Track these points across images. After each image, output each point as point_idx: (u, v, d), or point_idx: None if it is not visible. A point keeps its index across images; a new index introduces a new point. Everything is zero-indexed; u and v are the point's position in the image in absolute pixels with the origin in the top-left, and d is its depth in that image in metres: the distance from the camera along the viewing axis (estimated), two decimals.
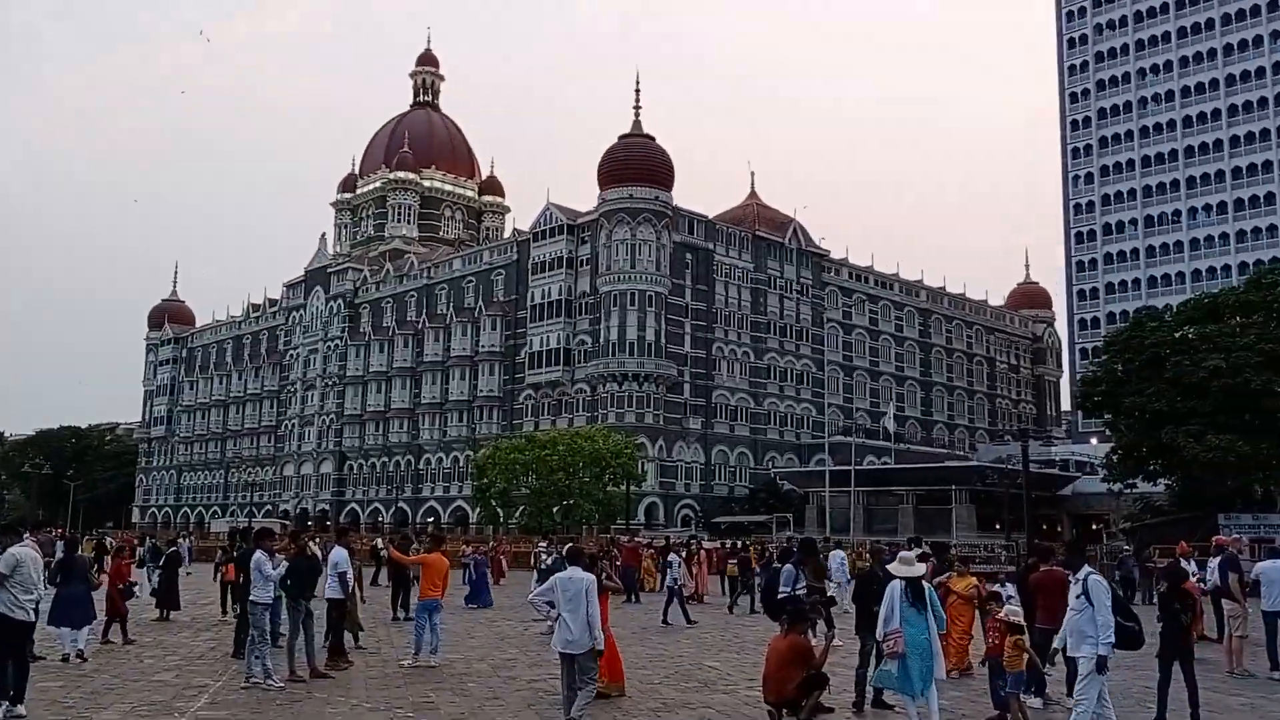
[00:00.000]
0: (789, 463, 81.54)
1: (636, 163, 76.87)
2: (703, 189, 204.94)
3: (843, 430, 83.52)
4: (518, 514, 64.80)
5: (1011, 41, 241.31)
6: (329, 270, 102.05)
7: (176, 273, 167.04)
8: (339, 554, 14.76)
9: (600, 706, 10.88)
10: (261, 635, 12.47)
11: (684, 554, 25.83)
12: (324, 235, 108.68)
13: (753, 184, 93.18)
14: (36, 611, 10.85)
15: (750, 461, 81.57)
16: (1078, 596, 9.35)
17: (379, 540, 33.10)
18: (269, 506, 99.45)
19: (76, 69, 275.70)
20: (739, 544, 35.74)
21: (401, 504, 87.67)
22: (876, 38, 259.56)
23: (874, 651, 10.61)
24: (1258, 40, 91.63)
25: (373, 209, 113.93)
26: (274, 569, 12.81)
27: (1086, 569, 9.47)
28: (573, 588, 9.73)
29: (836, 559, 24.13)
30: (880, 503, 68.73)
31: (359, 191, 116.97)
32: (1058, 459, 76.76)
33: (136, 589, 20.48)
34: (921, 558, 12.41)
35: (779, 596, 12.97)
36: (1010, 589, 12.40)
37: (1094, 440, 73.82)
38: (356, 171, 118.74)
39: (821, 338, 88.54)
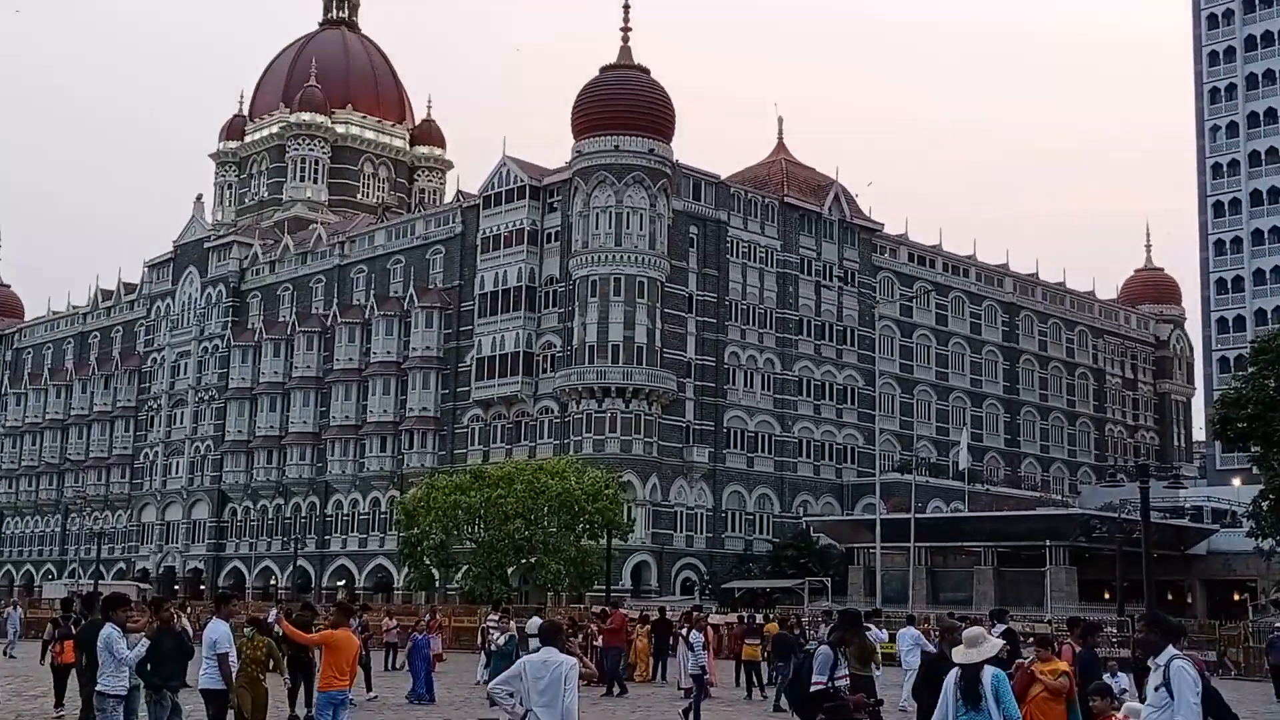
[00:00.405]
0: (826, 509, 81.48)
1: (625, 103, 76.97)
2: (714, 140, 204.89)
3: (900, 466, 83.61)
4: (459, 576, 64.65)
5: None
6: (206, 245, 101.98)
7: None
8: (218, 630, 14.73)
9: None
10: None
11: (687, 631, 25.94)
12: (200, 198, 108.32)
13: (780, 133, 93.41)
14: None
15: (774, 507, 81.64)
16: (1157, 688, 9.40)
17: (272, 612, 32.76)
18: (121, 565, 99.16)
19: None
20: (758, 617, 35.69)
21: (302, 562, 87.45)
22: None
23: None
24: None
25: (267, 163, 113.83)
26: (129, 649, 12.76)
27: (1171, 651, 9.51)
28: (547, 674, 9.63)
29: (907, 638, 24.13)
30: (950, 564, 68.74)
31: (248, 140, 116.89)
32: (1188, 506, 76.97)
33: None
34: (1007, 635, 12.47)
35: (812, 689, 12.97)
36: (1124, 680, 12.45)
37: (1237, 481, 73.96)
38: (245, 113, 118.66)
39: (872, 341, 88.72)
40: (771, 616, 34.69)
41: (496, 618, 30.74)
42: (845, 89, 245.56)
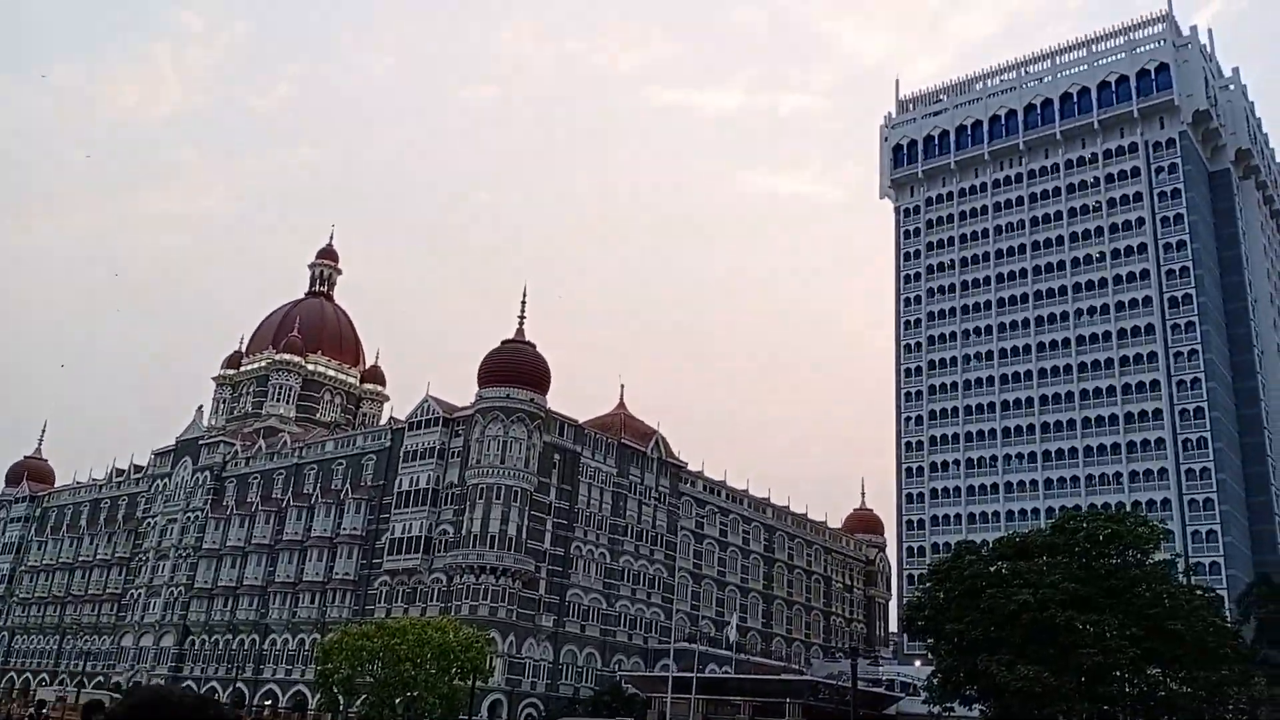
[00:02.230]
0: (634, 666, 79.39)
1: (516, 366, 77.72)
2: (575, 396, 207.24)
3: (688, 637, 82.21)
4: (359, 703, 60.65)
5: (861, 292, 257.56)
6: (200, 442, 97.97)
7: (44, 431, 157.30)
8: None
9: None
10: None
11: None
12: (200, 407, 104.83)
13: (622, 396, 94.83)
14: None
15: (598, 662, 79.04)
16: None
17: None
18: (100, 678, 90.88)
19: None
20: None
21: (240, 684, 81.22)
22: (744, 280, 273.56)
23: None
24: (1064, 315, 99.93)
25: (254, 386, 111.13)
26: None
27: None
28: None
29: None
30: (719, 711, 67.08)
31: (243, 369, 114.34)
32: (884, 679, 76.78)
33: None
34: None
35: None
36: None
37: (918, 663, 74.32)
38: (243, 350, 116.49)
39: (675, 544, 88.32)
40: None
41: None
42: (671, 365, 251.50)
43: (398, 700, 57.60)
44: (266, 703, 78.85)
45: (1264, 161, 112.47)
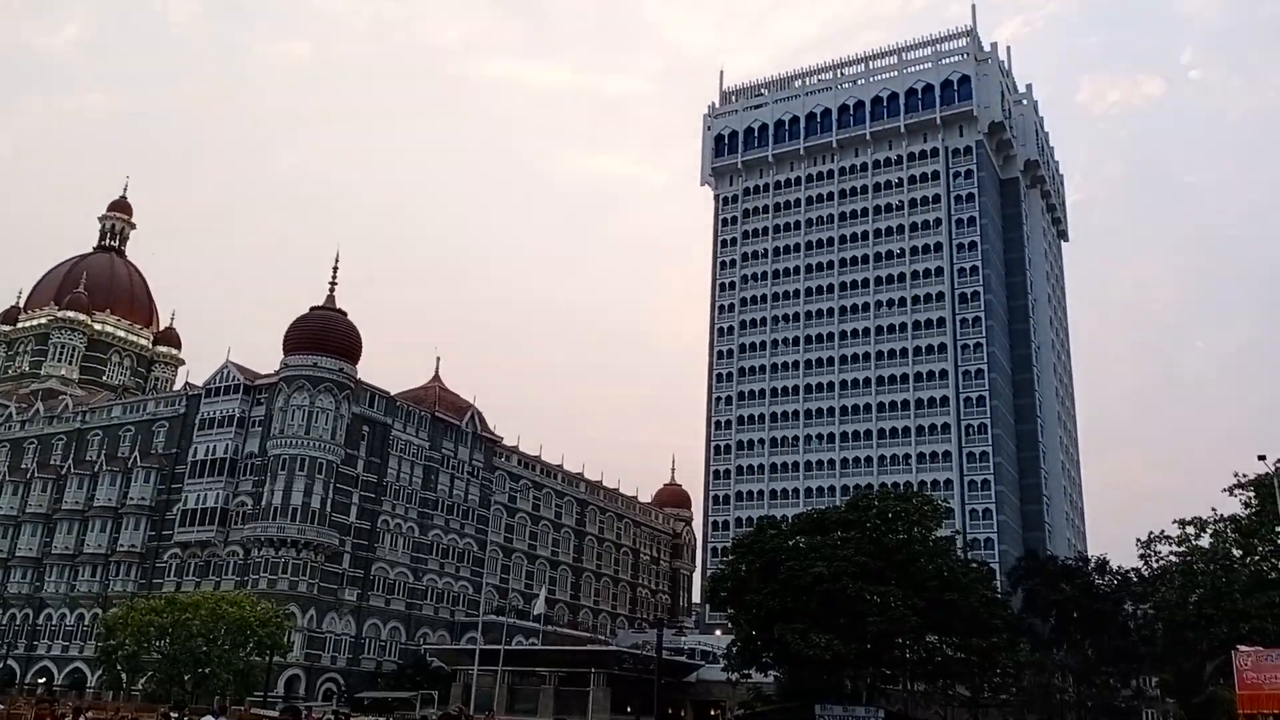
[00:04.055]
0: (441, 639, 78.46)
1: (326, 334, 74.94)
2: (388, 367, 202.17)
3: (496, 610, 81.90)
4: (144, 680, 57.29)
5: (679, 277, 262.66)
6: None
7: None
8: None
9: None
10: None
11: None
12: None
13: (437, 369, 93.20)
14: None
15: (403, 636, 77.64)
16: None
17: None
18: None
19: None
20: None
21: (11, 661, 75.12)
22: (562, 251, 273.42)
23: None
24: (865, 306, 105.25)
25: (32, 345, 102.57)
26: None
27: None
28: None
29: None
30: (524, 682, 67.19)
31: (19, 325, 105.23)
32: (686, 648, 78.96)
33: None
34: None
35: None
36: None
37: (718, 632, 76.75)
38: (20, 305, 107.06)
39: (487, 518, 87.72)
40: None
41: (175, 716, 27.06)
42: (488, 340, 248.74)
43: (187, 677, 54.82)
44: (40, 680, 73.24)
45: (1049, 173, 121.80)
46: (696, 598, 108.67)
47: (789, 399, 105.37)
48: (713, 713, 65.26)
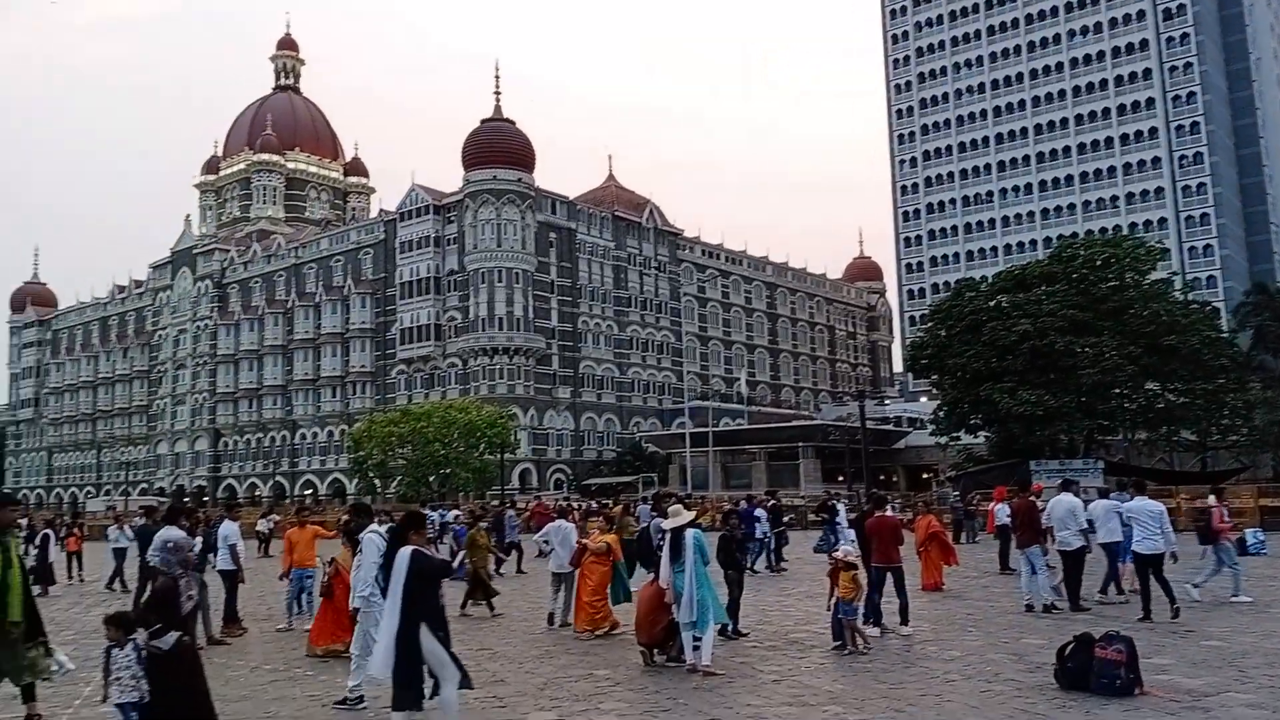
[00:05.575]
0: (652, 427, 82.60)
1: (499, 145, 76.10)
2: (564, 172, 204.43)
3: (700, 395, 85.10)
4: (395, 484, 63.91)
5: (851, 36, 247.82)
6: (195, 251, 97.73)
7: (37, 256, 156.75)
8: (229, 528, 14.56)
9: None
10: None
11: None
12: (189, 217, 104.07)
13: (610, 168, 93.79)
14: None
15: (617, 427, 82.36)
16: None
17: (451, 513, 29.27)
18: (144, 485, 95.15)
19: None
20: (599, 504, 35.25)
21: (279, 478, 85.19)
22: (718, 41, 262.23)
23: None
24: (1056, 38, 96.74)
25: (237, 190, 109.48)
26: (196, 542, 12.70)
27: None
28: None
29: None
30: (736, 460, 70.39)
31: (222, 173, 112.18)
32: (892, 416, 79.95)
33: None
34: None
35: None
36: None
37: (923, 399, 77.21)
38: (220, 154, 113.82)
39: (679, 310, 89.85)
40: (614, 503, 34.65)
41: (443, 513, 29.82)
42: (655, 135, 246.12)
43: (431, 478, 60.67)
44: (307, 492, 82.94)
45: None
46: (898, 367, 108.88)
47: (978, 152, 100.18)
48: (924, 476, 66.56)
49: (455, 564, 15.79)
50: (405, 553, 7.08)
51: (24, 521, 31.53)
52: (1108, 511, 14.32)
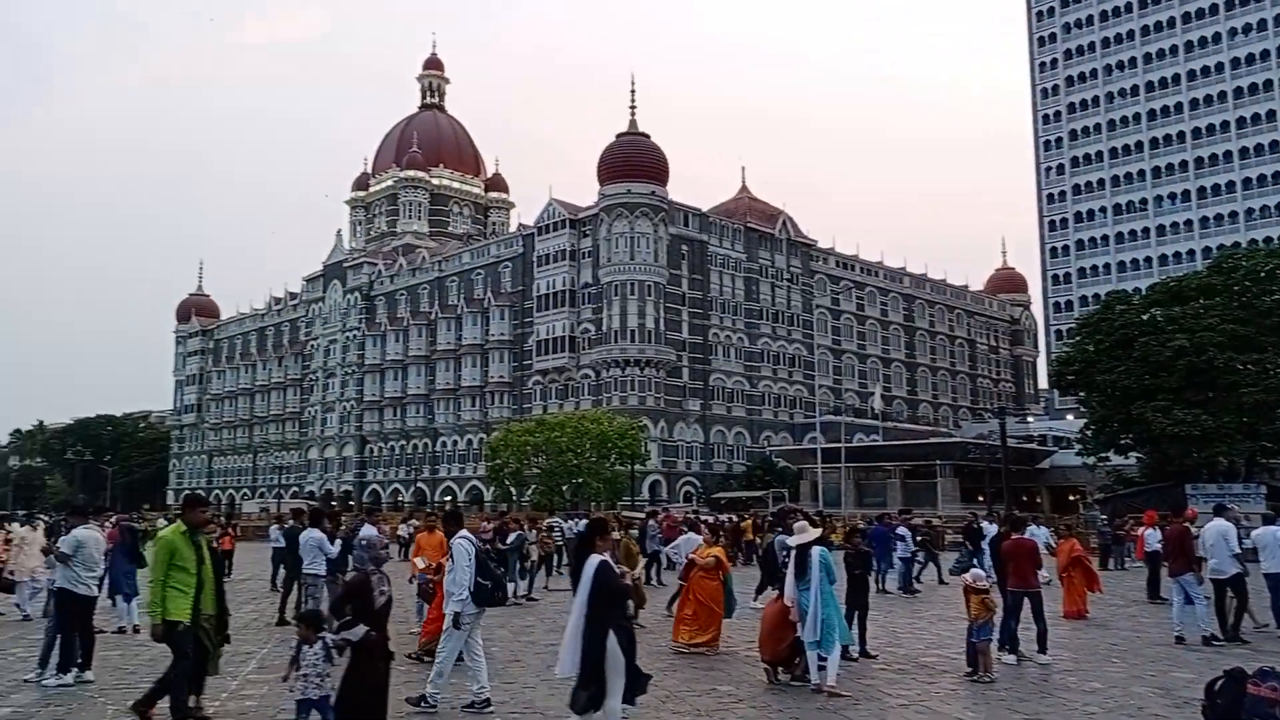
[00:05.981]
0: (783, 441, 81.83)
1: (633, 159, 76.89)
2: (697, 184, 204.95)
3: (833, 410, 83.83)
4: (529, 492, 65.18)
5: (989, 41, 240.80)
6: (345, 265, 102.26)
7: (202, 269, 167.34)
8: (369, 531, 15.13)
9: None
10: (317, 605, 13.05)
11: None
12: (339, 232, 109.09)
13: (743, 179, 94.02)
14: (100, 587, 11.19)
15: (747, 440, 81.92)
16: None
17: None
18: (295, 488, 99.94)
19: (99, 69, 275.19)
20: (731, 519, 35.10)
21: (420, 484, 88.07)
22: (856, 46, 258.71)
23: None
24: (1216, 37, 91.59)
25: (385, 206, 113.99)
26: (332, 547, 13.52)
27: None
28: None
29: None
30: (870, 478, 69.01)
31: (371, 190, 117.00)
32: (1035, 434, 77.03)
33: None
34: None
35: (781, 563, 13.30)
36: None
37: (1070, 416, 74.15)
38: (369, 171, 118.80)
39: (811, 323, 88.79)
40: (745, 517, 34.57)
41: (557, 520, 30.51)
42: (788, 145, 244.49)
43: (564, 487, 61.66)
44: (446, 498, 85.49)
45: None
46: (1043, 384, 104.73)
47: (1131, 158, 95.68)
48: (1070, 498, 63.82)
49: None
50: (593, 562, 7.29)
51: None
52: (1276, 539, 13.49)
